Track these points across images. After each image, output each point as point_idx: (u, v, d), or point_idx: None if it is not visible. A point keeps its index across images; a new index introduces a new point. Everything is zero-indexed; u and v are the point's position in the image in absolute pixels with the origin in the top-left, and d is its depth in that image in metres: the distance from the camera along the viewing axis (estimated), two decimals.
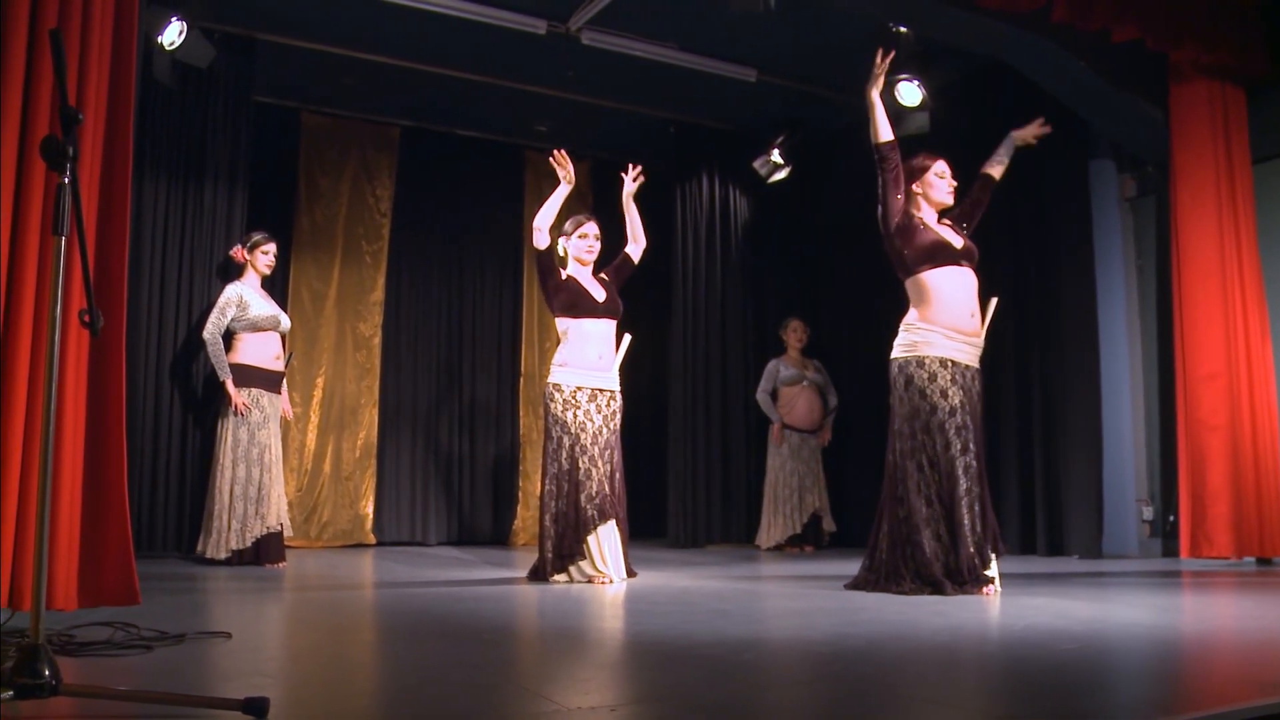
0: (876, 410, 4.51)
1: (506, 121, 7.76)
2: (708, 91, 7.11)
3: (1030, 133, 4.62)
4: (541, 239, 4.86)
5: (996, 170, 4.58)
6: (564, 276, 4.90)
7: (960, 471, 4.10)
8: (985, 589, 4.00)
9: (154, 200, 6.00)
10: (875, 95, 4.33)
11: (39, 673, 1.93)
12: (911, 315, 4.32)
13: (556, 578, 4.70)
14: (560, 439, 4.77)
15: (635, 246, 5.13)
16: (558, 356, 4.89)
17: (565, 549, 4.70)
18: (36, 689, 1.92)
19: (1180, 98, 5.68)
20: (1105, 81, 5.66)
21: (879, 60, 4.34)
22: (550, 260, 4.91)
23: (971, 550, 4.05)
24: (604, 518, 4.71)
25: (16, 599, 2.78)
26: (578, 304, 4.85)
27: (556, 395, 4.79)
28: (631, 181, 5.07)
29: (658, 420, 8.03)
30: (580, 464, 4.72)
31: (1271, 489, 5.35)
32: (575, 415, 4.76)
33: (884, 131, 4.33)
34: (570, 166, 4.89)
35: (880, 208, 4.36)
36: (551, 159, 4.91)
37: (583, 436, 4.75)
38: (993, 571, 4.10)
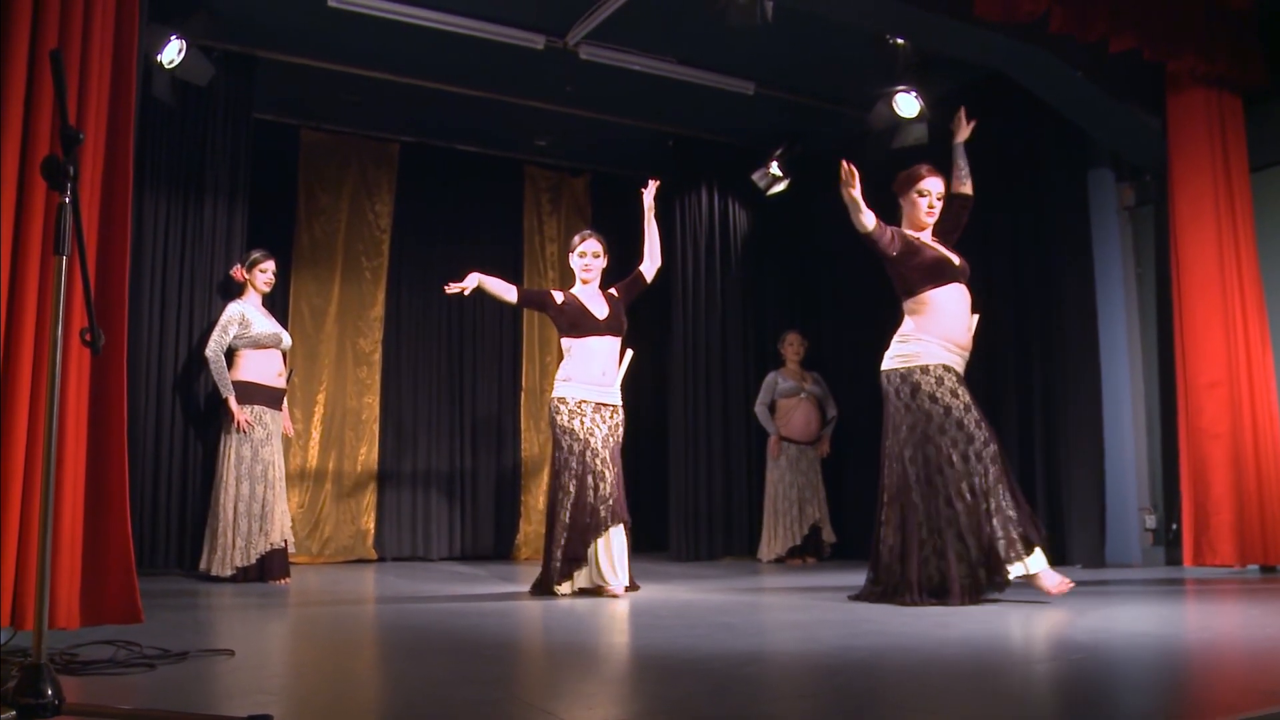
0: (876, 421, 4.50)
1: (505, 136, 7.78)
2: (706, 105, 7.13)
3: (963, 130, 4.50)
4: (510, 299, 5.01)
5: (968, 185, 4.50)
6: (561, 301, 4.94)
7: (989, 460, 4.08)
8: (988, 597, 3.99)
9: (154, 218, 6.00)
10: (851, 194, 4.13)
11: (42, 692, 1.93)
12: (908, 327, 4.29)
13: (561, 586, 4.70)
14: (570, 445, 4.79)
15: (650, 264, 5.14)
16: (561, 371, 4.92)
17: (573, 553, 4.70)
18: (39, 709, 1.92)
19: (1178, 107, 5.70)
20: (1103, 91, 5.69)
21: (846, 168, 4.12)
22: (538, 300, 5.07)
23: (1015, 536, 3.98)
24: (615, 519, 4.75)
25: (19, 618, 2.77)
26: (579, 324, 4.90)
27: (562, 408, 4.83)
28: (651, 198, 5.11)
29: (658, 433, 8.02)
30: (594, 466, 4.76)
31: (1274, 496, 5.34)
32: (583, 423, 4.81)
33: (867, 221, 4.22)
34: (468, 283, 4.87)
35: (883, 260, 4.34)
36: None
37: (592, 441, 4.79)
38: (1020, 569, 4.00)
